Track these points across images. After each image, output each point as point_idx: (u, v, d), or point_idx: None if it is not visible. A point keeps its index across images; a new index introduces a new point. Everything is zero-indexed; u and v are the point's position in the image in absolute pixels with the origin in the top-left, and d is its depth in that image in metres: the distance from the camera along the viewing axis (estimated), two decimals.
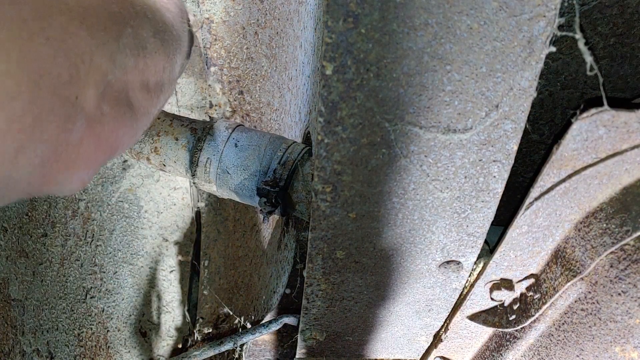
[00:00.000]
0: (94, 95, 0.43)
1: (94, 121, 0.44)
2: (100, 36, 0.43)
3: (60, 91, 0.38)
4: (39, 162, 0.39)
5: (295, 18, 0.93)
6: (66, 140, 0.41)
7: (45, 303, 1.04)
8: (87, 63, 0.41)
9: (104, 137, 0.46)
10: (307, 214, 0.76)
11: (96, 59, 0.42)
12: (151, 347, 1.37)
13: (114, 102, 0.47)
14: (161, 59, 0.56)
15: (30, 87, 0.35)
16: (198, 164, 0.79)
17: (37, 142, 0.37)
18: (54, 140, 0.39)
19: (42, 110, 0.37)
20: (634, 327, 0.62)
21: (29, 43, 0.35)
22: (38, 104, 0.36)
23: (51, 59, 0.37)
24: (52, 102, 0.38)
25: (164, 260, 1.33)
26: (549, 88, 0.80)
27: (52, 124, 0.38)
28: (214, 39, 1.08)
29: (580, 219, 0.64)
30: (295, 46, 0.94)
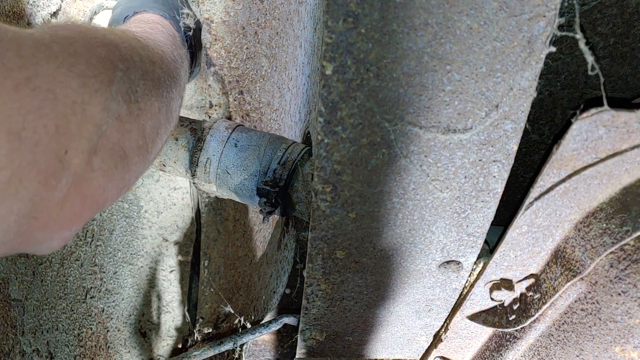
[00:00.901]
0: (85, 149, 0.40)
1: (82, 178, 0.41)
2: (92, 84, 0.40)
3: (45, 144, 0.35)
4: (14, 219, 0.35)
5: (295, 18, 0.93)
6: (47, 198, 0.37)
7: (45, 303, 1.04)
8: (78, 114, 0.38)
9: (91, 194, 0.43)
10: (307, 214, 0.76)
11: (89, 109, 0.39)
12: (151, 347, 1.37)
13: (107, 155, 0.43)
14: (155, 100, 0.52)
15: (10, 139, 0.32)
16: (198, 164, 0.79)
17: (13, 198, 0.34)
18: (33, 197, 0.36)
19: (21, 165, 0.34)
20: (633, 327, 0.62)
21: (14, 94, 0.33)
22: (17, 158, 0.33)
23: (36, 111, 0.34)
24: (35, 156, 0.35)
25: (164, 260, 1.33)
26: (549, 88, 0.80)
27: (32, 180, 0.35)
28: (214, 39, 1.08)
29: (580, 219, 0.64)
30: (295, 46, 0.94)
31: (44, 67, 0.36)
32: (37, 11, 0.87)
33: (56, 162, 0.37)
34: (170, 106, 0.58)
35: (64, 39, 0.40)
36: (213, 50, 1.09)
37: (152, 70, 0.53)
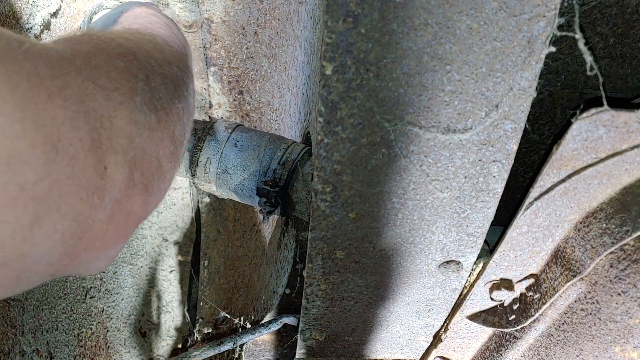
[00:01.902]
0: (124, 164, 0.39)
1: (126, 195, 0.40)
2: (115, 97, 0.39)
3: (82, 159, 0.34)
4: (59, 238, 0.34)
5: (295, 18, 0.93)
6: (92, 217, 0.36)
7: (45, 303, 1.04)
8: (107, 128, 0.37)
9: (135, 211, 0.42)
10: (307, 214, 0.76)
11: (116, 123, 0.38)
12: (151, 347, 1.37)
13: (146, 168, 0.42)
14: (178, 102, 0.52)
15: (46, 150, 0.31)
16: (198, 163, 0.79)
17: (55, 213, 0.32)
18: (77, 215, 0.34)
19: (60, 178, 0.32)
20: (633, 327, 0.62)
21: (47, 103, 0.32)
22: (55, 170, 0.32)
23: (70, 122, 0.33)
24: (73, 170, 0.33)
25: (164, 260, 1.33)
26: (549, 88, 0.80)
27: (74, 196, 0.34)
28: (214, 39, 1.08)
29: (580, 219, 0.64)
30: (295, 46, 0.94)
31: (74, 79, 0.35)
32: (37, 11, 0.87)
33: (97, 178, 0.36)
34: (190, 103, 0.58)
35: (84, 53, 0.39)
36: (213, 50, 1.09)
37: (170, 73, 0.52)
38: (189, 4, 1.03)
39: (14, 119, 0.29)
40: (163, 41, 0.60)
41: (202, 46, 1.09)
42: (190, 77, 0.61)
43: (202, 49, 1.10)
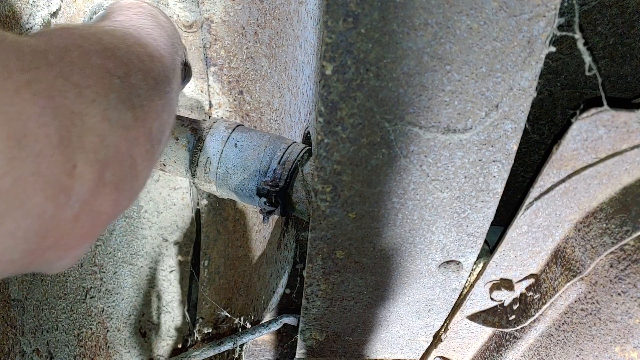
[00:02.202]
0: (94, 162, 0.38)
1: (95, 194, 0.39)
2: (88, 94, 0.38)
3: (49, 155, 0.33)
4: (22, 235, 0.33)
5: (295, 18, 0.93)
6: (58, 216, 0.35)
7: (45, 303, 1.04)
8: (77, 125, 0.36)
9: (103, 210, 0.41)
10: (307, 214, 0.76)
11: (88, 120, 0.37)
12: (151, 347, 1.37)
13: (118, 167, 0.41)
14: (158, 99, 0.50)
15: (10, 145, 0.30)
16: (198, 163, 0.79)
17: (18, 210, 0.32)
18: (42, 213, 0.33)
19: (24, 174, 0.31)
20: (633, 327, 0.62)
21: (14, 97, 0.31)
22: (19, 166, 0.31)
23: (37, 118, 0.32)
24: (39, 167, 0.32)
25: (164, 260, 1.33)
26: (549, 88, 0.80)
27: (38, 193, 0.33)
28: (214, 39, 1.08)
29: (580, 219, 0.64)
30: (295, 46, 0.94)
31: (44, 73, 0.35)
32: (37, 11, 0.87)
33: (65, 177, 0.35)
34: (172, 100, 0.56)
35: (59, 49, 0.39)
36: (213, 50, 1.09)
37: (151, 68, 0.51)
38: (189, 4, 1.03)
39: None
40: (147, 34, 0.59)
41: (202, 46, 1.09)
42: (174, 73, 0.59)
43: (202, 49, 1.10)
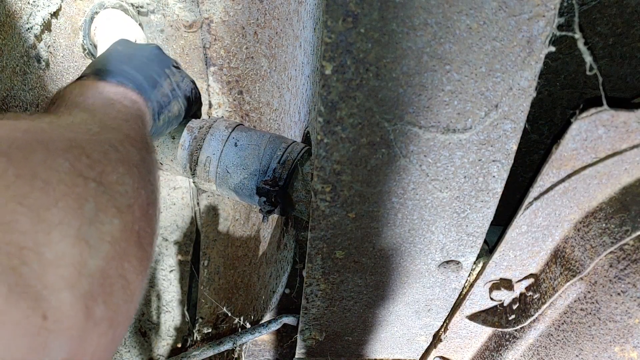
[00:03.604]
0: (75, 301, 0.30)
1: (83, 339, 0.31)
2: (50, 216, 0.30)
3: (3, 316, 0.25)
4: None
5: (294, 18, 0.93)
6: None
7: None
8: (34, 263, 0.28)
9: (99, 351, 0.33)
10: (307, 214, 0.76)
11: (51, 251, 0.30)
12: (151, 346, 1.37)
13: (108, 296, 0.34)
14: (143, 192, 0.42)
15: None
16: (198, 162, 0.79)
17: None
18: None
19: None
20: (633, 327, 0.62)
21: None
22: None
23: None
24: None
25: (164, 259, 1.33)
26: (549, 88, 0.80)
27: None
28: (214, 39, 1.08)
29: (580, 219, 0.64)
30: (295, 46, 0.94)
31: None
32: (37, 11, 0.87)
33: (29, 337, 0.27)
34: (155, 185, 0.48)
35: (18, 150, 0.31)
36: (213, 50, 1.09)
37: (130, 152, 0.44)
38: (189, 4, 1.03)
39: None
40: (114, 112, 0.51)
41: (202, 46, 1.09)
42: (150, 149, 0.52)
43: (202, 49, 1.10)
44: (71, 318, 0.30)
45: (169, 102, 0.70)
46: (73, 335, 0.30)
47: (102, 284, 0.33)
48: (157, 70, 0.69)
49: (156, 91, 0.67)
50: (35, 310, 0.27)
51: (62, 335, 0.29)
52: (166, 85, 0.70)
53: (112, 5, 0.97)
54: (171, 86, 0.71)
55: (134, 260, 0.38)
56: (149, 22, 1.03)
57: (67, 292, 0.30)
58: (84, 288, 0.31)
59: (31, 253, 0.28)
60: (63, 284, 0.30)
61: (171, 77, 0.72)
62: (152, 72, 0.68)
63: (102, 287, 0.33)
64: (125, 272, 0.36)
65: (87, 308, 0.31)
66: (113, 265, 0.34)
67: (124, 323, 0.37)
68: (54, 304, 0.29)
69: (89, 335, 0.31)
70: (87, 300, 0.31)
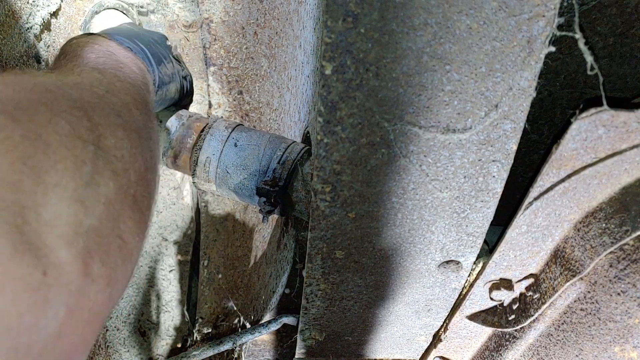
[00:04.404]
0: (73, 258, 0.31)
1: (81, 296, 0.32)
2: (49, 178, 0.31)
3: (3, 272, 0.26)
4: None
5: (294, 18, 0.93)
6: (30, 343, 0.28)
7: None
8: (33, 222, 0.29)
9: (96, 311, 0.34)
10: (307, 214, 0.76)
11: (47, 211, 0.30)
12: (150, 346, 1.37)
13: (105, 253, 0.34)
14: (140, 157, 0.43)
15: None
16: (197, 163, 0.79)
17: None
18: (10, 346, 0.26)
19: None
20: (633, 327, 0.62)
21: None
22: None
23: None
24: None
25: (164, 259, 1.33)
26: (548, 88, 0.80)
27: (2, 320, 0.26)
28: (214, 39, 1.08)
29: (580, 219, 0.64)
30: (295, 46, 0.94)
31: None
32: (37, 11, 0.87)
33: (31, 292, 0.28)
34: (154, 150, 0.49)
35: (24, 111, 0.32)
36: (212, 50, 1.09)
37: (130, 119, 0.44)
38: (189, 4, 1.03)
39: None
40: (115, 75, 0.51)
41: (202, 46, 1.09)
42: (152, 116, 0.52)
43: (202, 49, 1.10)
44: (70, 274, 0.31)
45: (169, 81, 0.74)
46: (72, 290, 0.31)
47: (98, 242, 0.34)
48: (162, 52, 0.74)
49: (160, 68, 0.71)
50: (36, 267, 0.28)
51: (62, 290, 0.30)
52: (169, 67, 0.75)
53: (112, 5, 0.97)
54: (173, 69, 0.75)
55: (129, 221, 0.38)
56: (149, 22, 1.03)
57: (65, 249, 0.31)
58: (81, 245, 0.32)
59: (32, 212, 0.29)
60: (61, 242, 0.31)
61: (173, 62, 0.76)
62: (158, 51, 0.72)
63: (99, 246, 0.34)
64: (121, 232, 0.37)
65: (84, 265, 0.32)
66: (109, 226, 0.35)
67: (122, 281, 0.37)
68: (53, 260, 0.30)
69: (87, 291, 0.32)
70: (84, 257, 0.32)
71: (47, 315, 0.29)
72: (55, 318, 0.30)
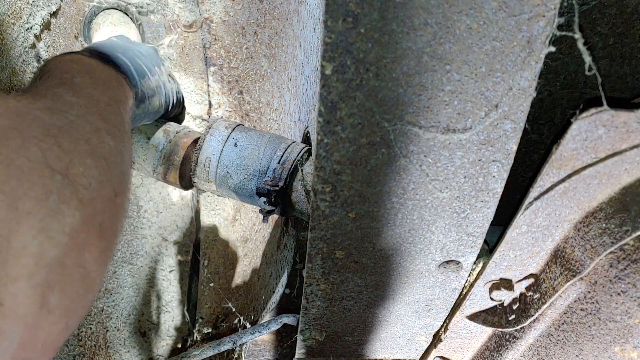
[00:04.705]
0: (32, 290, 0.31)
1: (36, 328, 0.32)
2: (22, 206, 0.31)
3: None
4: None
5: (294, 18, 0.93)
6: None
7: None
8: (3, 250, 0.29)
9: (51, 340, 0.34)
10: (307, 214, 0.76)
11: (18, 240, 0.30)
12: (150, 346, 1.37)
13: (65, 284, 0.34)
14: (108, 184, 0.42)
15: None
16: (197, 163, 0.79)
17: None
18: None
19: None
20: (633, 327, 0.62)
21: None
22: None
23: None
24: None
25: (164, 259, 1.33)
26: (549, 88, 0.80)
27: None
28: (214, 39, 1.08)
29: (580, 219, 0.64)
30: (295, 46, 0.94)
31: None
32: (37, 11, 0.87)
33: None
34: (125, 174, 0.48)
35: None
36: (213, 50, 1.09)
37: (100, 145, 0.43)
38: (189, 4, 1.03)
39: None
40: (99, 94, 0.51)
41: (202, 46, 1.09)
42: (125, 137, 0.51)
43: (202, 49, 1.10)
44: (26, 306, 0.31)
45: (152, 95, 0.74)
46: (27, 322, 0.31)
47: (59, 273, 0.33)
48: (147, 64, 0.74)
49: (143, 81, 0.71)
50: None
51: (17, 321, 0.30)
52: (153, 80, 0.74)
53: (112, 5, 0.97)
54: (157, 82, 0.75)
55: (94, 250, 0.38)
56: (149, 22, 1.03)
57: (24, 281, 0.31)
58: (41, 277, 0.32)
59: (4, 241, 0.29)
60: (23, 273, 0.31)
61: (159, 75, 0.76)
62: (142, 65, 0.72)
63: (60, 277, 0.34)
64: (84, 262, 0.37)
65: (42, 297, 0.32)
66: (72, 256, 0.35)
67: (80, 311, 0.38)
68: (11, 291, 0.30)
69: (43, 323, 0.32)
70: (43, 289, 0.32)
71: (0, 345, 0.29)
72: (8, 349, 0.29)
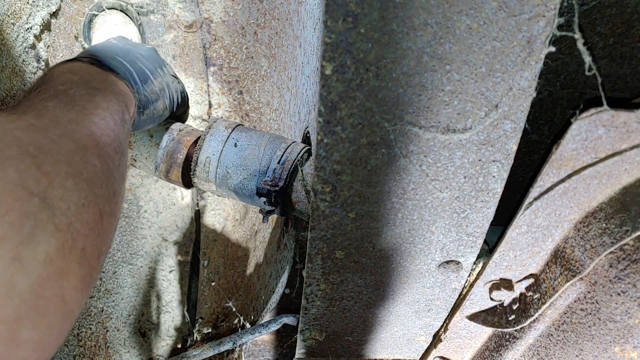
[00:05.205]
0: (1, 323, 0.30)
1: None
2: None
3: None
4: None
5: (294, 18, 0.93)
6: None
7: None
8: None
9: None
10: (307, 214, 0.76)
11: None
12: (150, 347, 1.37)
13: (39, 316, 0.32)
14: (92, 206, 0.40)
15: None
16: (197, 163, 0.79)
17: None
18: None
19: None
20: (633, 327, 0.62)
21: None
22: None
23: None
24: None
25: (164, 260, 1.33)
26: (549, 88, 0.80)
27: None
28: (214, 39, 1.08)
29: (580, 219, 0.64)
30: (295, 46, 0.94)
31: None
32: (37, 11, 0.87)
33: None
34: (115, 196, 0.46)
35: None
36: (212, 50, 1.09)
37: (83, 167, 0.41)
38: (189, 4, 1.03)
39: None
40: (93, 106, 0.49)
41: (202, 46, 1.09)
42: (121, 151, 0.49)
43: (202, 49, 1.10)
44: None
45: (156, 99, 0.72)
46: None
47: (32, 304, 0.32)
48: (150, 67, 0.71)
49: (146, 86, 0.69)
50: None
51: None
52: (156, 83, 0.71)
53: (112, 5, 0.97)
54: (161, 85, 0.73)
55: (73, 278, 0.36)
56: (149, 22, 1.04)
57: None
58: (10, 310, 0.30)
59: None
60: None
61: (162, 76, 0.74)
62: (144, 68, 0.70)
63: (32, 308, 0.32)
64: (62, 290, 0.35)
65: (10, 331, 0.30)
66: (47, 285, 0.33)
67: (55, 343, 0.35)
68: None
69: (11, 356, 0.30)
70: (11, 322, 0.30)
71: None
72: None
